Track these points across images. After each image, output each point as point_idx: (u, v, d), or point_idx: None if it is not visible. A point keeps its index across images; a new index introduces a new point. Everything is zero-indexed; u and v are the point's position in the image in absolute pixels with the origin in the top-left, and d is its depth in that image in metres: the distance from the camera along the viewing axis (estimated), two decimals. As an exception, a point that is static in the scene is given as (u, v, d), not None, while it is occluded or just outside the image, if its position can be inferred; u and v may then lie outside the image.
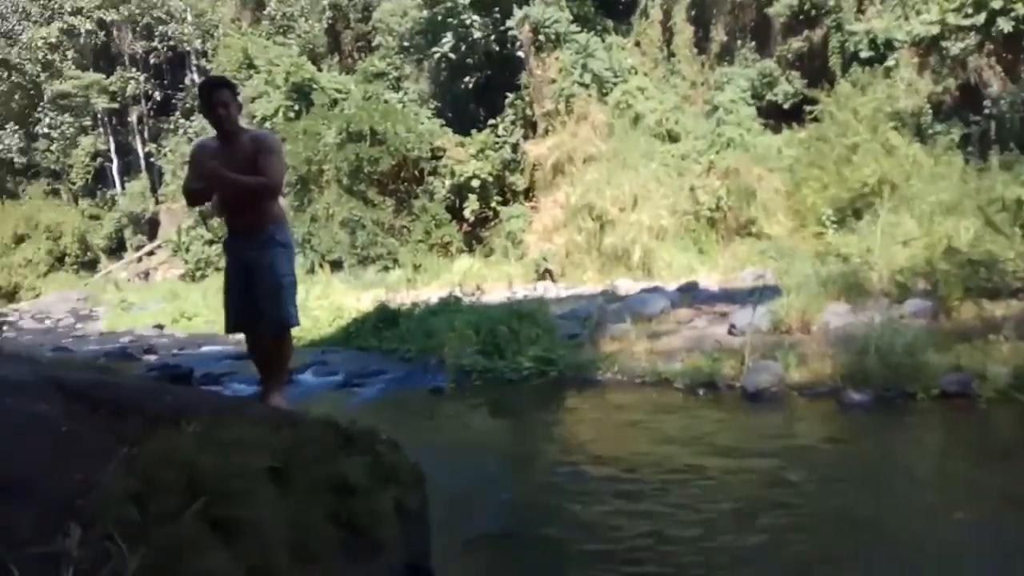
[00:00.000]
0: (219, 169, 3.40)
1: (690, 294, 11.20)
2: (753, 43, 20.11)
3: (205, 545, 2.21)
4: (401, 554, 2.93)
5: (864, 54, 16.90)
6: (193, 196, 3.66)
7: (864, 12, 17.72)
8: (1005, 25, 14.88)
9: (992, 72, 15.92)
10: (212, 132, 3.60)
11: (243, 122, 3.72)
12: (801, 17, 18.91)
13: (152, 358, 10.73)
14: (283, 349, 3.58)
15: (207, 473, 2.28)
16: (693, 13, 20.36)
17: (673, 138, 18.37)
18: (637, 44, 20.65)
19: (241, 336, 3.83)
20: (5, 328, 16.02)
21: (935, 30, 16.11)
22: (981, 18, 15.38)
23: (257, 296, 3.48)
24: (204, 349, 11.54)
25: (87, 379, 2.77)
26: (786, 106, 18.54)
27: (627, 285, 13.91)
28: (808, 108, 17.27)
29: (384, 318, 10.67)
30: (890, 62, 16.58)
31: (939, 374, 5.84)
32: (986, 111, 15.51)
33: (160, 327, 15.05)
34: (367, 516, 2.70)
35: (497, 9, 20.22)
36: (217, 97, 3.44)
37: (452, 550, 3.56)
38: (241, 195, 3.48)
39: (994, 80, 15.87)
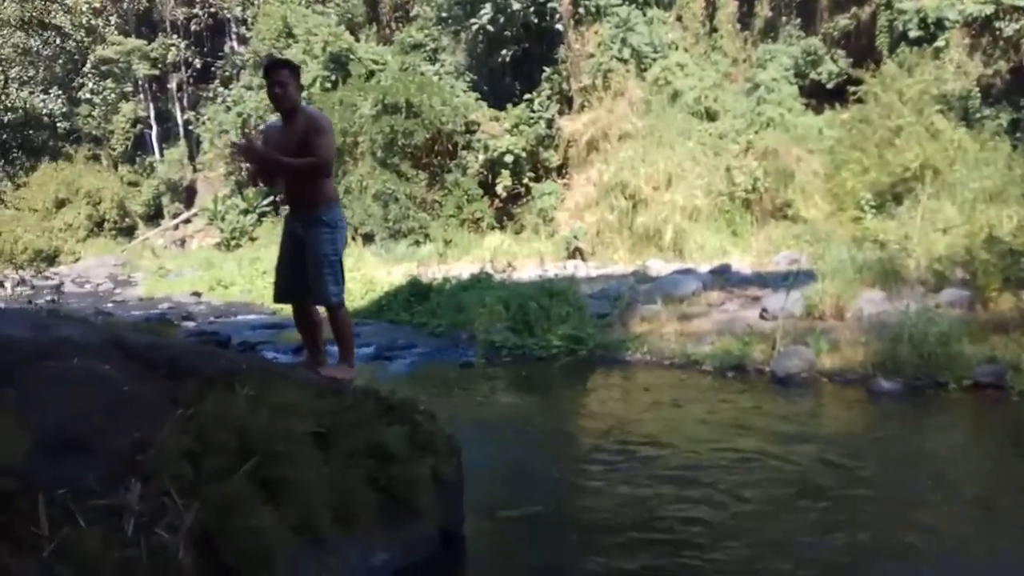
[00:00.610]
0: (267, 154, 3.53)
1: (722, 277, 11.13)
2: (798, 20, 19.61)
3: (254, 504, 2.33)
4: (437, 521, 3.05)
5: (913, 34, 16.39)
6: (259, 178, 3.76)
7: (915, -11, 17.17)
8: (1063, 6, 14.38)
9: (1047, 55, 15.38)
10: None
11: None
12: (849, -6, 18.40)
13: (190, 325, 11.02)
14: (337, 324, 3.71)
15: (257, 435, 2.40)
16: (738, -13, 19.91)
17: (711, 116, 18.04)
18: (679, 18, 20.22)
19: (278, 306, 3.93)
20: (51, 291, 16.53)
21: (989, 10, 15.57)
22: (1038, -2, 14.85)
23: (305, 271, 3.62)
24: (240, 318, 11.83)
25: (144, 341, 2.91)
26: (829, 86, 18.12)
27: (658, 266, 13.86)
28: (852, 88, 16.82)
29: (415, 292, 10.80)
30: (940, 42, 16.07)
31: (972, 365, 5.79)
32: (1038, 96, 15.04)
33: (197, 294, 15.40)
34: (405, 483, 2.82)
35: (537, -19, 19.97)
36: (274, 77, 3.54)
37: (483, 519, 3.68)
38: (294, 175, 3.60)
39: (1048, 64, 15.34)
